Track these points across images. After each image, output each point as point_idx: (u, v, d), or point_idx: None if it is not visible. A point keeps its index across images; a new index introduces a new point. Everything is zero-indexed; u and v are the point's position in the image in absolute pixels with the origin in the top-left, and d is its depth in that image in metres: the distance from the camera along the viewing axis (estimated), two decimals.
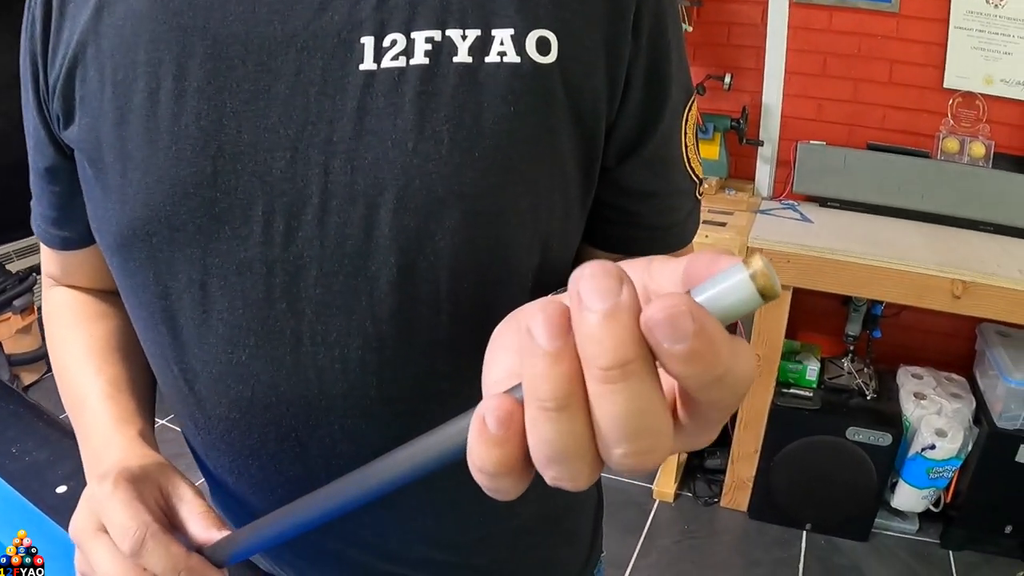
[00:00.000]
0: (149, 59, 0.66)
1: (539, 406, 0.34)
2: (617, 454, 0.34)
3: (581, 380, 0.34)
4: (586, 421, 0.34)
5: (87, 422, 0.82)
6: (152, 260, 0.70)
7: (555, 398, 0.33)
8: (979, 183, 2.87)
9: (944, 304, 2.56)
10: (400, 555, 0.85)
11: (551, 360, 0.33)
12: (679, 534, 3.04)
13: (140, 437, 0.79)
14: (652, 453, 0.34)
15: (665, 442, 0.34)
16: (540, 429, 0.34)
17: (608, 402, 0.33)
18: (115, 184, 0.69)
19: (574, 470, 0.35)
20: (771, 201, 3.24)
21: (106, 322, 0.90)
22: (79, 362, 0.86)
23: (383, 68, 0.65)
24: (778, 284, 0.32)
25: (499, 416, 0.36)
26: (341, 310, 0.69)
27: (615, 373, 0.32)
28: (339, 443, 0.74)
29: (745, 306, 0.32)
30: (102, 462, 0.75)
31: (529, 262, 0.72)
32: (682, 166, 0.80)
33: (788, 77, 3.15)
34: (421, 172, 0.65)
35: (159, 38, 0.66)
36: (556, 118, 0.68)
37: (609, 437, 0.34)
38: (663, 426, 0.34)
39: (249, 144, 0.66)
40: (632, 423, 0.33)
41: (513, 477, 0.37)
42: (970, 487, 2.85)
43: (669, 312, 0.31)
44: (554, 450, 0.34)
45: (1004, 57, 2.87)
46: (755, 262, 0.32)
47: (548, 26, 0.67)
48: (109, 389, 0.83)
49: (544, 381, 0.33)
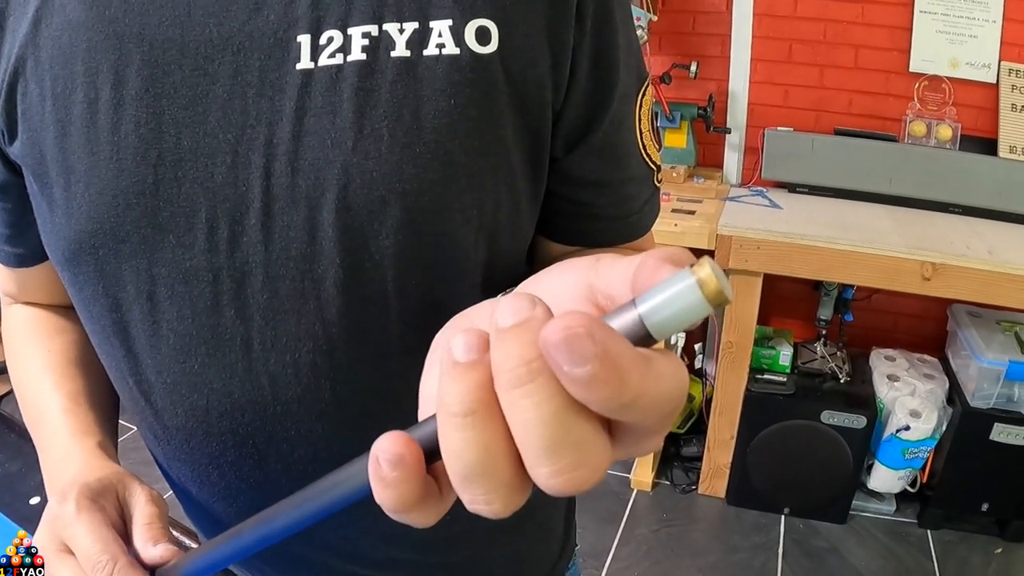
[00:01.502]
0: (87, 69, 0.65)
1: (446, 412, 0.34)
2: (543, 473, 0.32)
3: (491, 390, 0.33)
4: (497, 433, 0.33)
5: (46, 436, 0.81)
6: (100, 273, 0.70)
7: (461, 402, 0.33)
8: (947, 165, 2.89)
9: (914, 286, 2.58)
10: (368, 557, 0.85)
11: (462, 370, 0.33)
12: (658, 522, 3.05)
13: (99, 448, 0.78)
14: (582, 468, 0.32)
15: (595, 454, 0.33)
16: (449, 440, 0.34)
17: (520, 408, 0.32)
18: (60, 198, 0.68)
19: (489, 490, 0.34)
20: (740, 188, 3.24)
21: (64, 336, 0.89)
22: (37, 377, 0.85)
23: (320, 66, 0.64)
24: (729, 290, 0.30)
25: (390, 459, 0.35)
26: (290, 314, 0.68)
27: (521, 372, 0.31)
28: (297, 448, 0.74)
29: (693, 314, 0.31)
30: (62, 476, 0.74)
31: (476, 257, 0.71)
32: (637, 153, 0.79)
33: (754, 64, 3.16)
34: (361, 171, 0.64)
35: (96, 47, 0.65)
36: (499, 109, 0.67)
37: (530, 453, 0.32)
38: (588, 436, 0.32)
39: (189, 150, 0.65)
40: (549, 431, 0.32)
41: (419, 511, 0.37)
42: (946, 467, 2.87)
43: (566, 333, 0.30)
44: (464, 464, 0.34)
45: (969, 40, 2.89)
46: (703, 268, 0.30)
47: (488, 15, 0.65)
48: (67, 403, 0.82)
49: (453, 388, 0.33)
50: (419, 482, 0.36)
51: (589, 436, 0.32)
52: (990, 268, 2.49)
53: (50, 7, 0.67)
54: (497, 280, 0.74)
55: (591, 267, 0.38)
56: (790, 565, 2.83)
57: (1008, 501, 2.87)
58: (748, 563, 2.85)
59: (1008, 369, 2.66)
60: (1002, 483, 2.82)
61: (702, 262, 0.31)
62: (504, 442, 0.33)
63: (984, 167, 2.85)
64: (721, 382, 2.96)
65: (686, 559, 2.87)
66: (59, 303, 0.92)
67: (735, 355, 2.88)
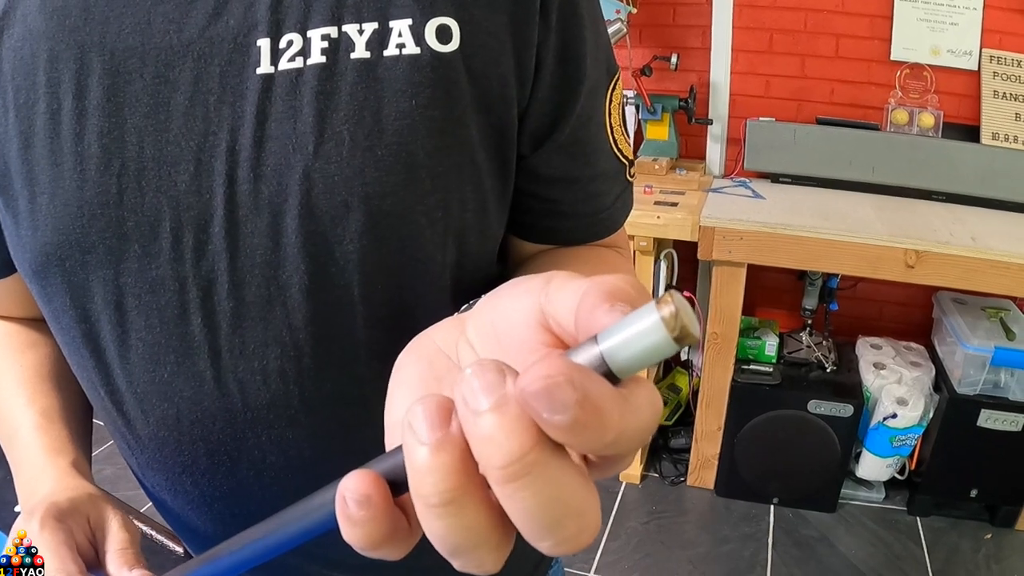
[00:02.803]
0: (49, 79, 0.64)
1: (424, 503, 0.32)
2: (545, 547, 0.32)
3: (468, 471, 0.31)
4: (480, 512, 0.32)
5: (19, 454, 0.80)
6: (68, 284, 0.69)
7: (439, 493, 0.31)
8: (929, 153, 2.90)
9: (898, 274, 2.58)
10: (346, 562, 0.84)
11: (432, 452, 0.31)
12: (647, 515, 3.05)
13: (72, 467, 0.77)
14: (584, 533, 0.32)
15: (592, 518, 0.32)
16: (431, 526, 0.33)
17: (517, 501, 0.30)
18: (25, 210, 0.68)
19: (478, 557, 0.33)
20: (722, 179, 3.25)
21: (37, 351, 0.88)
22: (10, 393, 0.84)
23: (281, 70, 0.63)
24: (696, 327, 0.29)
25: (357, 499, 0.34)
26: (256, 321, 0.68)
27: (515, 469, 0.30)
28: (268, 454, 0.73)
29: (657, 353, 0.29)
30: (34, 494, 0.74)
31: (443, 259, 0.71)
32: (607, 148, 0.78)
33: (735, 55, 3.16)
34: (323, 175, 0.63)
35: (57, 56, 0.64)
36: (462, 109, 0.67)
37: (531, 534, 0.31)
38: (585, 504, 0.31)
39: (152, 159, 0.64)
40: (549, 514, 0.31)
41: (389, 546, 0.36)
42: (933, 453, 2.88)
43: (546, 383, 0.29)
44: (449, 545, 0.33)
45: (950, 28, 2.90)
46: (667, 305, 0.29)
47: (448, 13, 0.65)
48: (40, 420, 0.81)
49: (427, 475, 0.32)
50: (388, 520, 0.35)
51: (585, 502, 0.32)
52: (973, 255, 2.50)
53: (11, 18, 0.66)
54: (467, 282, 0.74)
55: (541, 289, 0.37)
56: (780, 555, 2.83)
57: (997, 487, 2.88)
58: (738, 554, 2.86)
59: (994, 355, 2.67)
60: (990, 469, 2.83)
61: (666, 298, 0.29)
62: (488, 517, 0.32)
63: (967, 154, 2.85)
64: (707, 373, 2.96)
65: (676, 551, 2.88)
66: (31, 316, 0.90)
67: (721, 346, 2.88)
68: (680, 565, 2.81)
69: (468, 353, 0.42)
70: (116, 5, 0.64)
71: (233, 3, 0.64)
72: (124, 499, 0.89)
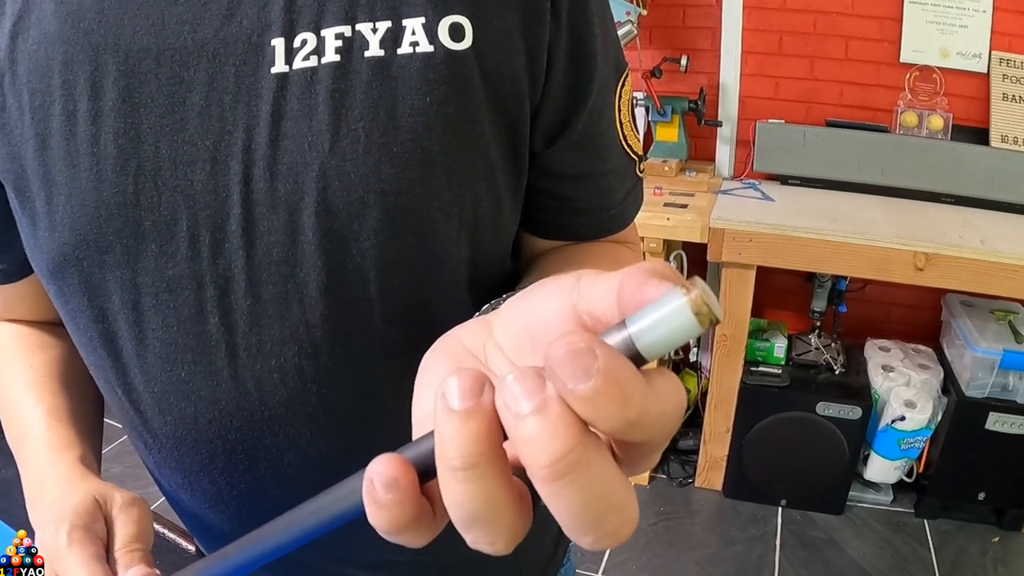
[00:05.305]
0: (64, 81, 0.65)
1: (447, 466, 0.33)
2: (588, 541, 0.33)
3: (492, 443, 0.32)
4: (500, 483, 0.33)
5: (27, 453, 0.81)
6: (85, 284, 0.69)
7: (461, 456, 0.32)
8: (938, 156, 2.89)
9: (907, 276, 2.58)
10: (360, 559, 0.85)
11: (460, 419, 0.32)
12: (655, 516, 3.05)
13: (80, 463, 0.77)
14: (624, 527, 0.32)
15: (631, 512, 0.33)
16: (450, 490, 0.33)
17: (562, 498, 0.31)
18: (42, 211, 0.68)
19: (492, 532, 0.34)
20: (732, 181, 3.25)
21: (47, 352, 0.89)
22: (20, 394, 0.85)
23: (295, 69, 0.64)
24: (718, 309, 0.30)
25: (385, 481, 0.35)
26: (274, 319, 0.68)
27: (559, 467, 0.30)
28: (286, 453, 0.74)
29: (684, 334, 0.30)
30: (43, 493, 0.75)
31: (459, 255, 0.71)
32: (617, 143, 0.79)
33: (745, 57, 3.16)
34: (339, 173, 0.64)
35: (72, 59, 0.65)
36: (475, 105, 0.67)
37: (575, 529, 0.32)
38: (625, 499, 0.32)
39: (168, 159, 0.65)
40: (592, 510, 0.31)
41: (413, 532, 0.36)
42: (941, 456, 2.87)
43: (569, 348, 0.30)
44: (466, 512, 0.33)
45: (960, 30, 2.89)
46: (694, 288, 0.30)
47: (461, 11, 0.66)
48: (48, 419, 0.81)
49: (452, 440, 0.32)
50: (413, 505, 0.35)
51: (625, 498, 0.32)
52: (982, 257, 2.49)
53: (26, 22, 0.66)
54: (482, 278, 0.74)
55: (573, 287, 0.37)
56: (787, 557, 2.83)
57: (1005, 490, 2.87)
58: (746, 555, 2.85)
59: (1002, 358, 2.66)
60: (998, 472, 2.82)
61: (693, 282, 0.30)
62: (506, 491, 0.33)
63: (976, 157, 2.85)
64: (716, 375, 2.96)
65: (684, 552, 2.88)
66: (42, 319, 0.91)
67: (730, 348, 2.88)
68: (688, 566, 2.81)
69: (496, 355, 0.42)
70: (130, 7, 0.64)
71: (246, 3, 0.64)
72: None
